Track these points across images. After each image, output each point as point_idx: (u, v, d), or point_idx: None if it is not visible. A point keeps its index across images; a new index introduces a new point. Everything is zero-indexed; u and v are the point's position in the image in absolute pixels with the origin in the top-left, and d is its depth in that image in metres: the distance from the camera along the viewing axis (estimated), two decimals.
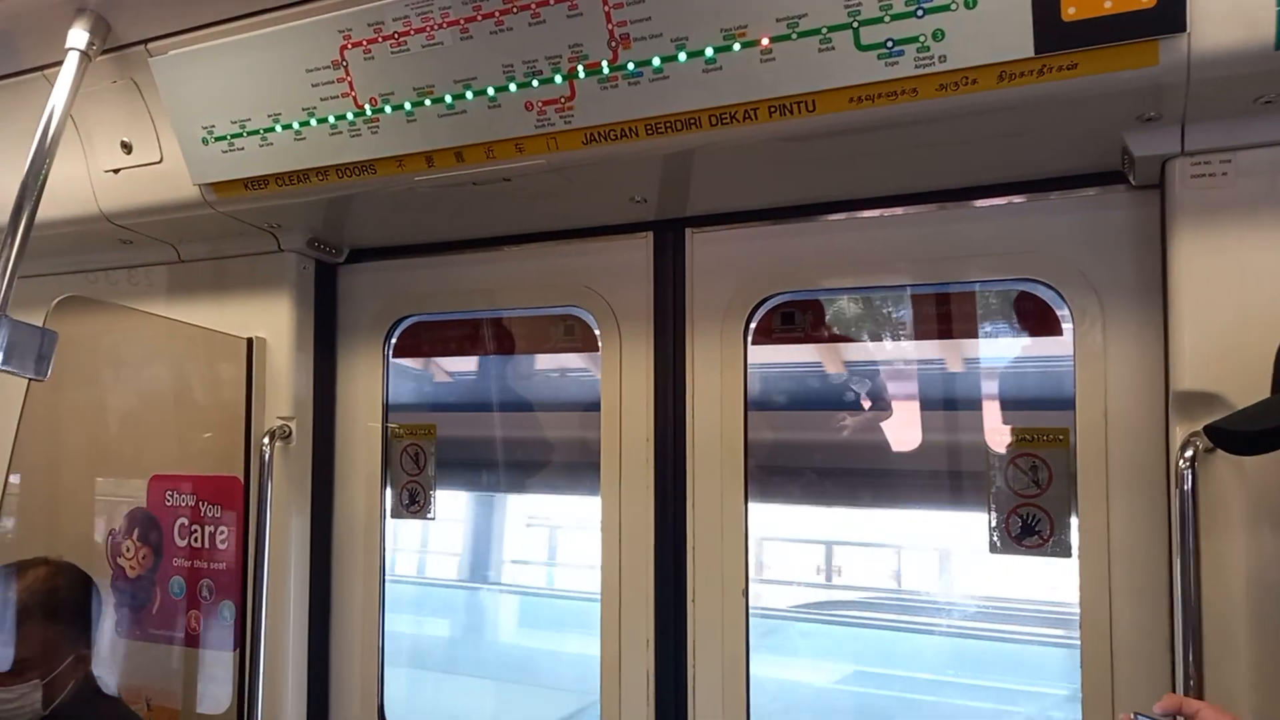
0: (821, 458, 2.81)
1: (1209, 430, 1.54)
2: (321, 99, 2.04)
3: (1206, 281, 1.74)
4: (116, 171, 2.41)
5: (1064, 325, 2.08)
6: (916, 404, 3.15)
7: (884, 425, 3.25)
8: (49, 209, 1.98)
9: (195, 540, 2.68)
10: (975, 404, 2.81)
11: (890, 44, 1.60)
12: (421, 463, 2.73)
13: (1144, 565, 1.95)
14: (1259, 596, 1.69)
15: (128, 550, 2.76)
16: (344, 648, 2.76)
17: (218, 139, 2.19)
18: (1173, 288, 1.78)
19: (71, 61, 2.06)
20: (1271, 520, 1.68)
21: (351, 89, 2.00)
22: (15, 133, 2.31)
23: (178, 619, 2.69)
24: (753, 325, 2.37)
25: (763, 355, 2.43)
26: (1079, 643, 2.01)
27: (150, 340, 2.76)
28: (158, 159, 2.34)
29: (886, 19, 1.59)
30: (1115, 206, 2.00)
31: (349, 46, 1.95)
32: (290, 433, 2.62)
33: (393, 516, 2.76)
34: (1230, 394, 1.69)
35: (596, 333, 2.52)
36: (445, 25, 1.87)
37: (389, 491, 2.76)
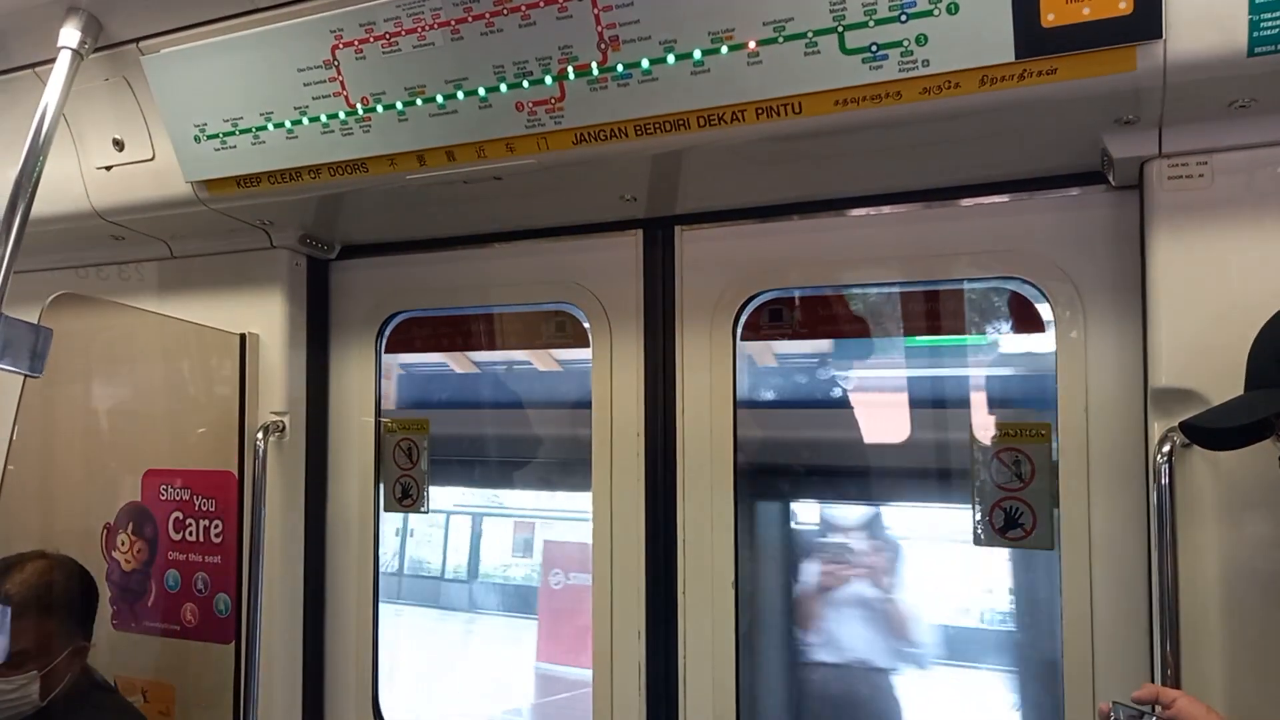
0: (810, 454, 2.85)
1: (1183, 426, 1.58)
2: (313, 98, 2.06)
3: (1184, 280, 1.77)
4: (109, 169, 2.42)
5: (1046, 323, 2.12)
6: (905, 398, 3.19)
7: (872, 420, 3.28)
8: (41, 206, 1.98)
9: (190, 534, 2.69)
10: (963, 400, 2.84)
11: (874, 48, 1.63)
12: (415, 457, 2.76)
13: (1124, 557, 1.99)
14: (1233, 588, 1.73)
15: (123, 544, 2.78)
16: (339, 642, 2.79)
17: (210, 137, 2.20)
18: (1151, 286, 1.81)
19: (64, 60, 2.07)
20: (1245, 514, 1.72)
21: (343, 88, 2.02)
22: (8, 130, 2.31)
23: (173, 612, 2.71)
24: (741, 321, 2.40)
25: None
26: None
27: (144, 336, 2.77)
28: (150, 156, 2.35)
29: (871, 24, 1.61)
30: (1096, 206, 2.04)
31: (340, 46, 1.97)
32: (284, 427, 2.64)
33: (386, 510, 2.79)
34: (1206, 390, 1.72)
35: (587, 328, 2.55)
36: (436, 26, 1.88)
37: (382, 486, 2.79)
